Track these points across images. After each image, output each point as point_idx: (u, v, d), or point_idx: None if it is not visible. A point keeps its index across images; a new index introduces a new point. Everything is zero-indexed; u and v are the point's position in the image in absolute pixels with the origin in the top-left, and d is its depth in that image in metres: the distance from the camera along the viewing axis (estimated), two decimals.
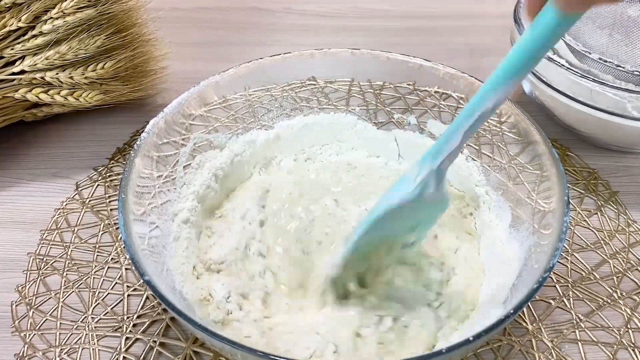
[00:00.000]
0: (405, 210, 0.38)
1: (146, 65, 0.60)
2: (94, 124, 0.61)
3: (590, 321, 0.44)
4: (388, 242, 0.42)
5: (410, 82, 0.53)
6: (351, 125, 0.54)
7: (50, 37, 0.52)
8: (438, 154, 0.37)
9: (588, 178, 0.55)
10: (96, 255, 0.49)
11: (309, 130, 0.54)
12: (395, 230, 0.41)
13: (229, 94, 0.51)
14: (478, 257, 0.46)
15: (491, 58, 0.69)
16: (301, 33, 0.75)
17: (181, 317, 0.34)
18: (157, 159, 0.45)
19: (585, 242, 0.50)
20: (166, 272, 0.41)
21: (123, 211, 0.38)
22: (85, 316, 0.44)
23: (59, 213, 0.52)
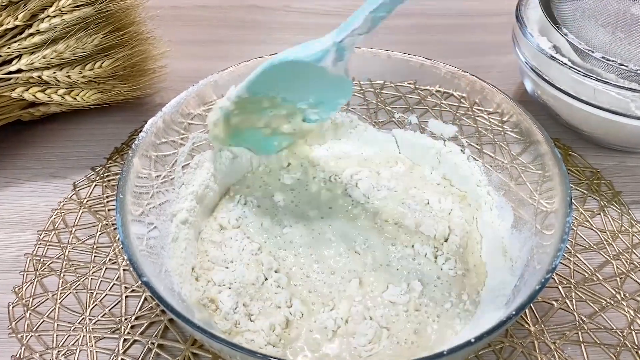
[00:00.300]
0: (302, 73, 0.40)
1: (144, 64, 0.60)
2: (91, 123, 0.61)
3: (593, 323, 0.44)
4: (288, 104, 0.44)
5: (411, 81, 0.53)
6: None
7: (47, 36, 0.52)
8: (342, 30, 0.39)
9: (591, 178, 0.55)
10: (94, 256, 0.49)
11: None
12: (294, 91, 0.43)
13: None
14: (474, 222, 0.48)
15: (493, 57, 0.69)
16: (301, 31, 0.75)
17: (180, 318, 0.34)
18: (155, 158, 0.45)
19: (588, 243, 0.50)
20: (165, 273, 0.41)
21: (121, 211, 0.38)
22: (82, 317, 0.44)
23: (56, 213, 0.52)
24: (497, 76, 0.66)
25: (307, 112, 0.46)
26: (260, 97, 0.44)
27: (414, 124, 0.54)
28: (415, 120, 0.54)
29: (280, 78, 0.42)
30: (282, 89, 0.43)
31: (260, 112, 0.45)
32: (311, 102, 0.45)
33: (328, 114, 0.47)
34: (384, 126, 0.54)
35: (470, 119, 0.51)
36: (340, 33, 0.39)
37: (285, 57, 0.40)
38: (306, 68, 0.40)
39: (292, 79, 0.42)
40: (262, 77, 0.42)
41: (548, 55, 0.53)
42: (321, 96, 0.44)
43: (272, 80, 0.42)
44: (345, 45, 0.39)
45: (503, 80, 0.65)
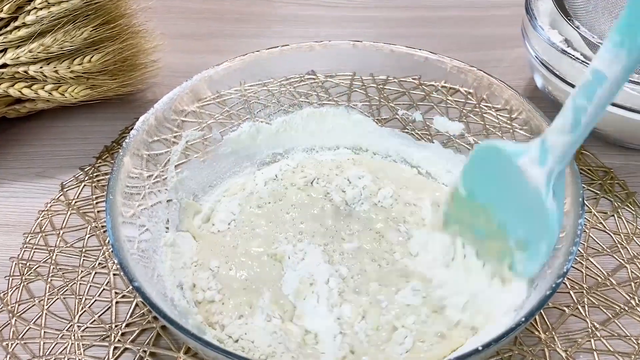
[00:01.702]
0: (506, 175, 0.38)
1: (136, 59, 0.60)
2: (80, 120, 0.61)
3: (606, 330, 0.44)
4: (499, 234, 0.41)
5: (415, 76, 0.53)
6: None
7: (33, 29, 0.52)
8: (564, 156, 0.36)
9: (604, 178, 0.55)
10: (82, 260, 0.49)
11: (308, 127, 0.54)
12: (501, 201, 0.40)
13: (223, 89, 0.51)
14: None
15: (501, 51, 0.69)
16: (300, 24, 0.75)
17: (173, 325, 0.34)
18: (147, 157, 0.45)
19: (601, 246, 0.50)
20: (157, 278, 0.41)
21: (111, 213, 0.38)
22: (71, 324, 0.44)
23: (43, 215, 0.52)
24: (505, 71, 0.66)
25: (515, 257, 0.40)
26: (476, 204, 0.42)
27: (419, 121, 0.54)
28: (420, 118, 0.54)
29: (488, 173, 0.40)
30: (492, 195, 0.41)
31: (474, 228, 0.42)
32: (519, 238, 0.39)
33: (533, 265, 0.39)
34: (387, 123, 0.54)
35: (478, 116, 0.51)
36: (563, 159, 0.36)
37: (490, 144, 0.40)
38: (509, 168, 0.38)
39: (499, 180, 0.40)
40: (473, 167, 0.41)
41: (559, 49, 0.53)
42: (527, 230, 0.39)
43: (481, 176, 0.41)
44: (548, 146, 0.36)
45: (512, 76, 0.65)
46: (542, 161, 0.36)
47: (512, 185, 0.38)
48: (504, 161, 0.38)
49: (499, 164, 0.39)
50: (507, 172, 0.38)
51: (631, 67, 0.32)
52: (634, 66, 0.32)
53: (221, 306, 0.42)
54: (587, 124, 0.35)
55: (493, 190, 0.41)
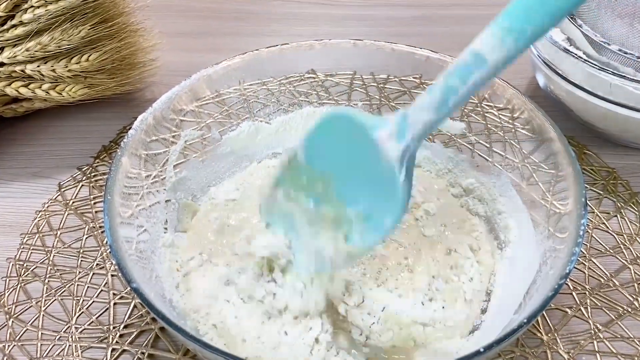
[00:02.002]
0: (356, 145, 0.36)
1: (134, 57, 0.60)
2: (77, 120, 0.61)
3: (609, 331, 0.44)
4: (337, 203, 0.39)
5: (416, 75, 0.53)
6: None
7: (31, 27, 0.52)
8: (423, 135, 0.34)
9: (607, 178, 0.55)
10: (80, 261, 0.49)
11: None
12: (345, 173, 0.38)
13: (222, 88, 0.51)
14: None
15: None
16: (300, 23, 0.75)
17: (171, 327, 0.34)
18: (145, 157, 0.45)
19: (604, 247, 0.50)
20: (155, 279, 0.41)
21: (109, 213, 0.38)
22: (68, 326, 0.44)
23: (41, 215, 0.52)
24: (507, 70, 0.65)
25: (353, 228, 0.39)
26: (315, 171, 0.39)
27: None
28: None
29: (335, 142, 0.38)
30: (335, 164, 0.38)
31: (310, 195, 0.40)
32: (360, 211, 0.38)
33: (372, 241, 0.39)
34: None
35: (479, 116, 0.51)
36: (411, 109, 0.35)
37: (342, 111, 0.38)
38: (361, 139, 0.35)
39: (347, 150, 0.37)
40: (318, 134, 0.38)
41: (562, 47, 0.53)
42: (370, 203, 0.38)
43: (327, 143, 0.38)
44: (409, 123, 0.34)
45: (514, 75, 0.65)
46: (400, 137, 0.34)
47: (362, 157, 0.36)
48: (357, 132, 0.36)
49: (349, 134, 0.36)
50: (359, 143, 0.36)
51: (515, 55, 0.31)
52: (517, 55, 0.31)
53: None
54: (455, 105, 0.33)
55: (337, 160, 0.38)
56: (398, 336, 0.41)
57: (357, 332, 0.41)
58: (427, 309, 0.42)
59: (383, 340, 0.41)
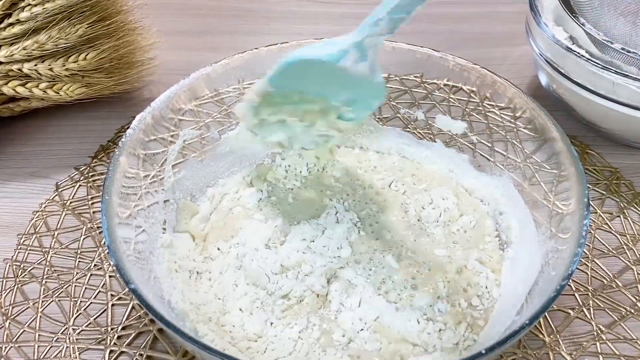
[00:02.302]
0: (325, 72, 0.40)
1: (132, 56, 0.60)
2: (75, 119, 0.61)
3: (612, 333, 0.44)
4: (319, 100, 0.44)
5: (417, 74, 0.53)
6: None
7: (28, 26, 0.52)
8: (361, 30, 0.38)
9: (610, 178, 0.55)
10: (78, 262, 0.49)
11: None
12: (322, 88, 0.43)
13: (221, 87, 0.51)
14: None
15: (505, 48, 0.69)
16: (299, 21, 0.75)
17: (170, 328, 0.34)
18: (143, 157, 0.45)
19: (607, 247, 0.50)
20: (153, 280, 0.41)
21: (107, 214, 0.38)
22: (66, 327, 0.44)
23: (38, 216, 0.52)
24: (509, 69, 0.66)
25: (342, 110, 0.45)
26: (287, 92, 0.43)
27: (421, 120, 0.54)
28: (422, 116, 0.54)
29: (304, 75, 0.42)
30: (309, 85, 0.43)
31: (292, 105, 0.45)
32: (344, 100, 0.44)
33: (364, 113, 0.46)
34: (389, 122, 0.54)
35: (481, 115, 0.51)
36: (360, 33, 0.39)
37: (301, 55, 0.41)
38: (328, 67, 0.40)
39: (317, 76, 0.42)
40: (282, 74, 0.42)
41: (564, 46, 0.53)
42: (353, 94, 0.43)
43: (295, 77, 0.42)
44: (366, 45, 0.39)
45: (516, 74, 0.65)
46: (363, 58, 0.39)
47: (332, 79, 0.41)
48: (321, 68, 0.40)
49: (313, 71, 0.41)
50: (325, 73, 0.41)
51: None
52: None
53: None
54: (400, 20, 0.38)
55: (306, 85, 0.43)
56: (385, 349, 0.40)
57: (340, 334, 0.41)
58: (421, 329, 0.41)
59: (367, 348, 0.40)
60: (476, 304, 0.43)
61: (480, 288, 0.44)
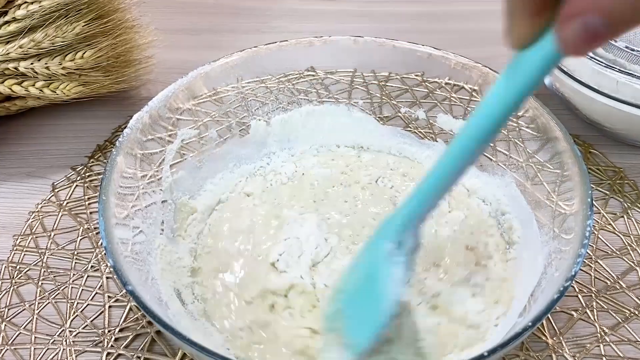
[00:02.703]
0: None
1: (129, 55, 0.60)
2: (72, 118, 0.61)
3: (616, 335, 0.44)
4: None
5: (418, 73, 0.53)
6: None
7: (24, 24, 0.52)
8: (419, 219, 0.36)
9: (613, 178, 0.55)
10: (74, 263, 0.49)
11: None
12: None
13: (220, 86, 0.51)
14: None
15: (506, 46, 0.69)
16: (299, 19, 0.75)
17: (168, 330, 0.34)
18: (141, 157, 0.45)
19: (611, 248, 0.50)
20: (151, 282, 0.41)
21: (104, 214, 0.38)
22: (62, 329, 0.44)
23: (34, 216, 0.52)
24: None
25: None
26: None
27: (422, 119, 0.54)
28: (423, 116, 0.54)
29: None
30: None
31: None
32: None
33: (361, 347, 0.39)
34: (389, 122, 0.54)
35: None
36: (419, 222, 0.36)
37: (392, 306, 0.36)
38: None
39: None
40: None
41: None
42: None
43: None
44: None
45: None
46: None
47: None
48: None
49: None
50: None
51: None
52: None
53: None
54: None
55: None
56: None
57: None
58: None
59: None
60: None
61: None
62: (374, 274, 0.37)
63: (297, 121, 0.54)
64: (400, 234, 0.36)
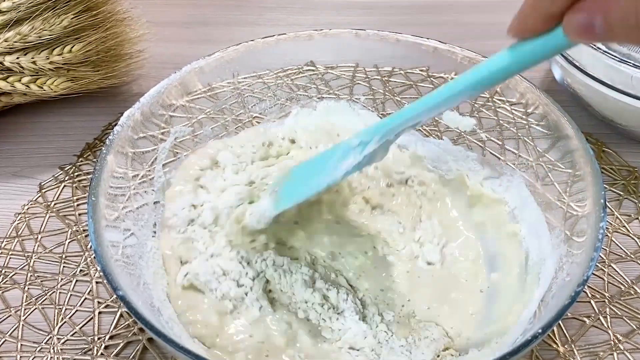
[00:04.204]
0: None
1: (120, 49, 0.60)
2: (60, 115, 0.61)
3: (630, 342, 0.44)
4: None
5: (423, 68, 0.53)
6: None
7: (10, 16, 0.52)
8: (397, 127, 0.38)
9: (627, 177, 0.55)
10: (62, 267, 0.49)
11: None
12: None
13: (214, 82, 0.51)
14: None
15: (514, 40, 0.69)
16: (298, 11, 0.75)
17: (160, 337, 0.34)
18: (132, 156, 0.45)
19: (625, 252, 0.50)
20: (143, 286, 0.41)
21: (93, 216, 0.38)
22: (50, 337, 0.44)
23: (20, 218, 0.52)
24: None
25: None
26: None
27: None
28: None
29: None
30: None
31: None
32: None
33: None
34: None
35: (491, 111, 0.51)
36: (395, 130, 0.39)
37: (332, 179, 0.41)
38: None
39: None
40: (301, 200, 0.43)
41: None
42: None
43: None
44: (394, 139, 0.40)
45: None
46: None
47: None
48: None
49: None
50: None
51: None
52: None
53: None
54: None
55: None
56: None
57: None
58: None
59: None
60: None
61: None
62: (328, 158, 0.42)
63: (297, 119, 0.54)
64: (369, 134, 0.39)
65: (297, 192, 0.43)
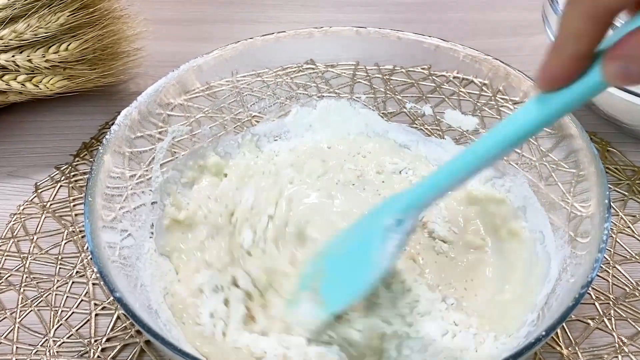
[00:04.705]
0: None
1: (117, 47, 0.60)
2: (56, 115, 0.61)
3: (635, 345, 0.44)
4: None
5: (425, 66, 0.53)
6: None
7: (5, 14, 0.52)
8: (424, 205, 0.38)
9: (632, 178, 0.55)
10: (58, 268, 0.49)
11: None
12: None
13: (213, 80, 0.51)
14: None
15: (520, 38, 0.69)
16: (298, 8, 0.75)
17: (158, 340, 0.34)
18: (129, 155, 0.45)
19: (630, 253, 0.50)
20: (140, 288, 0.41)
21: (90, 217, 0.38)
22: (45, 339, 0.44)
23: (15, 219, 0.52)
24: (524, 60, 0.65)
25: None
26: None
27: (429, 115, 0.54)
28: (430, 111, 0.54)
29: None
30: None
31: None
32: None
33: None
34: (394, 118, 0.54)
35: (493, 110, 0.51)
36: (423, 207, 0.39)
37: (380, 271, 0.39)
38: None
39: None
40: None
41: None
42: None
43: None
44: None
45: (531, 65, 0.63)
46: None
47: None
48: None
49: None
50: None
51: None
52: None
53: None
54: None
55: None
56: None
57: None
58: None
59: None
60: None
61: None
62: (366, 243, 0.40)
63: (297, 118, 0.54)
64: (404, 212, 0.38)
65: (348, 292, 0.40)
